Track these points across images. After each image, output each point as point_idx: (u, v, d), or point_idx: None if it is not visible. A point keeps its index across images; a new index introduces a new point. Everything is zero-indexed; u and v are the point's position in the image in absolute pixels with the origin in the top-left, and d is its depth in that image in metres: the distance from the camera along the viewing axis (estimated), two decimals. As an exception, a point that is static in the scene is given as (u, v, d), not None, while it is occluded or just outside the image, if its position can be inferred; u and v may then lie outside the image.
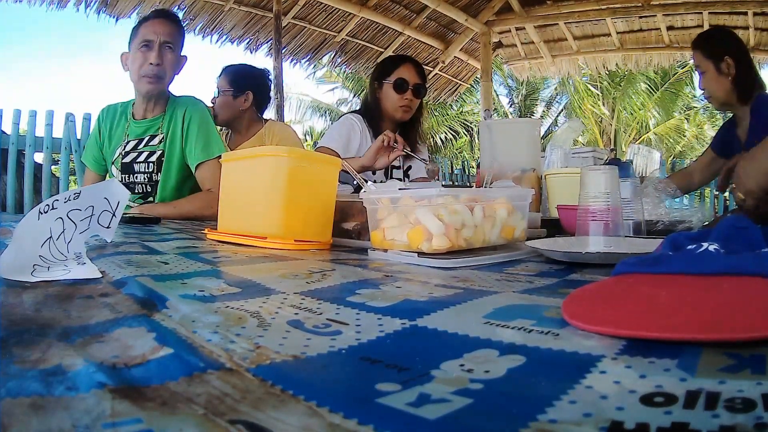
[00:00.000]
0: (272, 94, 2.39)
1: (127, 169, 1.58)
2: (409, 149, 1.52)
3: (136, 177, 1.58)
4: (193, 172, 1.56)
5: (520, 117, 14.41)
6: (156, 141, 1.57)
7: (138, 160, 1.57)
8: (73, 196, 0.55)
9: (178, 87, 1.69)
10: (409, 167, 1.89)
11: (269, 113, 2.30)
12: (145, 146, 1.57)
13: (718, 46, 1.70)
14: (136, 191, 1.58)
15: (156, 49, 1.48)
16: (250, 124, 2.03)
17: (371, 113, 1.81)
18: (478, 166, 1.72)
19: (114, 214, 0.59)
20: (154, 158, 1.56)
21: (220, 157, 1.51)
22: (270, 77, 2.18)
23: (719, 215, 1.77)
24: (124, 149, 1.58)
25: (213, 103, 1.99)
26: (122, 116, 1.63)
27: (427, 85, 1.87)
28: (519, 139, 1.44)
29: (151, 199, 1.58)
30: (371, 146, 1.52)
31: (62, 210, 0.54)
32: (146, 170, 1.57)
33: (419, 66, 1.84)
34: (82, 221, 0.56)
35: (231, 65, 2.06)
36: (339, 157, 1.66)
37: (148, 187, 1.58)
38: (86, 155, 1.72)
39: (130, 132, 1.59)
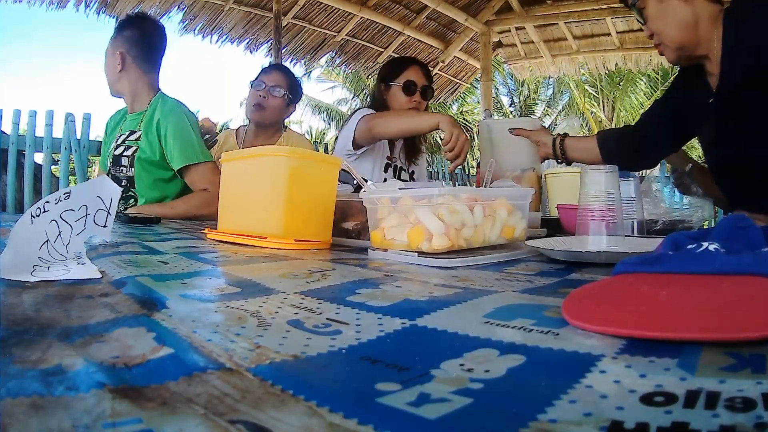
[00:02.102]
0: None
1: (115, 161, 1.62)
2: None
3: (122, 170, 1.61)
4: (180, 177, 1.59)
5: (520, 117, 14.40)
6: (134, 137, 1.60)
7: (125, 154, 1.61)
8: (64, 196, 0.55)
9: (180, 86, 1.71)
10: (413, 171, 1.91)
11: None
12: (126, 140, 1.62)
13: None
14: (122, 184, 1.61)
15: None
16: (274, 132, 1.98)
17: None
18: (477, 166, 1.71)
19: (108, 212, 0.59)
20: (129, 153, 1.60)
21: (207, 161, 1.54)
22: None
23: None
24: (116, 142, 1.63)
25: (262, 96, 1.87)
26: (124, 116, 1.70)
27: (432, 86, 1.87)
28: (519, 138, 1.44)
29: (130, 192, 1.61)
30: (457, 128, 1.43)
31: (55, 212, 0.54)
32: (126, 164, 1.61)
33: (426, 68, 1.84)
34: (77, 221, 0.55)
35: (287, 68, 2.01)
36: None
37: (126, 180, 1.61)
38: (101, 159, 1.81)
39: (124, 126, 1.65)
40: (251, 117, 1.91)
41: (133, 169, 1.58)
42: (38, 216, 0.52)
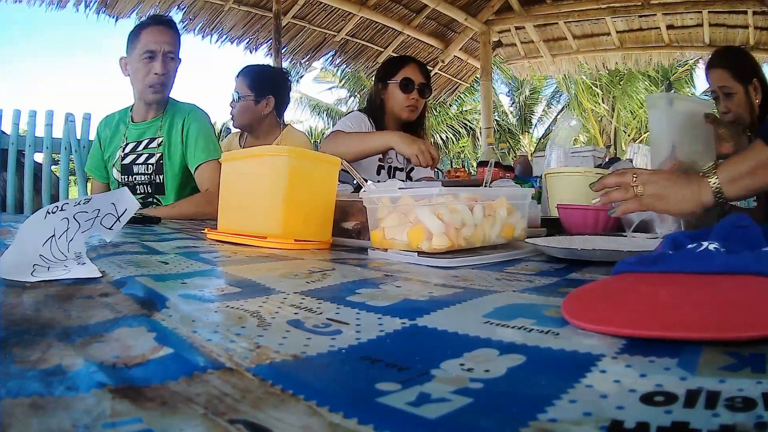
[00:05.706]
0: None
1: (126, 170, 1.63)
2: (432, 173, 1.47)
3: (136, 178, 1.62)
4: (193, 174, 1.60)
5: (520, 116, 14.31)
6: (155, 144, 1.61)
7: (137, 162, 1.61)
8: (84, 200, 0.57)
9: (180, 87, 1.71)
10: (411, 168, 1.89)
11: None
12: (144, 148, 1.62)
13: (748, 67, 1.59)
14: (138, 192, 1.62)
15: (160, 60, 1.53)
16: (269, 129, 1.95)
17: (376, 114, 1.80)
18: (478, 166, 1.71)
19: (118, 219, 0.60)
20: (153, 160, 1.60)
21: (218, 158, 1.53)
22: (290, 78, 2.09)
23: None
24: (123, 151, 1.63)
25: (232, 107, 1.89)
26: (120, 122, 1.69)
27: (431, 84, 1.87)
28: (697, 124, 1.07)
29: (151, 199, 1.62)
30: (415, 143, 1.46)
31: (70, 212, 0.55)
32: (146, 171, 1.61)
33: (423, 66, 1.84)
34: (86, 222, 0.56)
35: (250, 66, 1.96)
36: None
37: (149, 187, 1.62)
38: (89, 165, 1.79)
39: (129, 135, 1.64)
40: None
41: (160, 176, 1.60)
42: (54, 213, 0.53)
